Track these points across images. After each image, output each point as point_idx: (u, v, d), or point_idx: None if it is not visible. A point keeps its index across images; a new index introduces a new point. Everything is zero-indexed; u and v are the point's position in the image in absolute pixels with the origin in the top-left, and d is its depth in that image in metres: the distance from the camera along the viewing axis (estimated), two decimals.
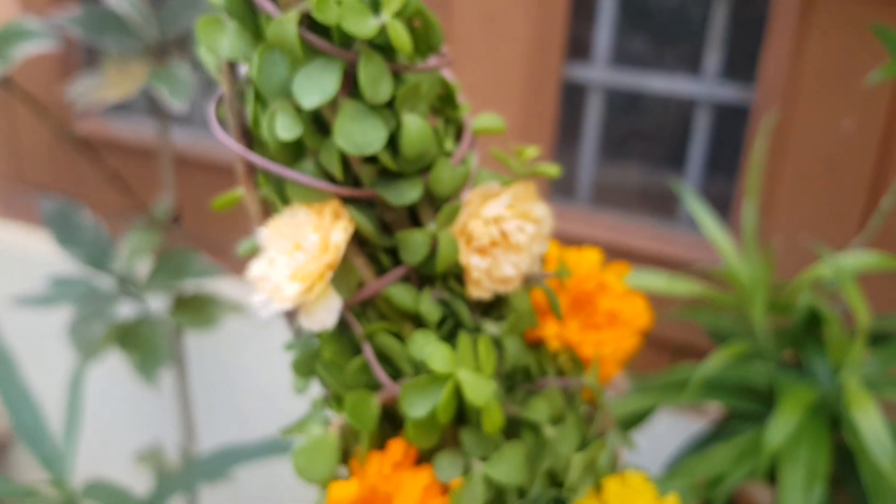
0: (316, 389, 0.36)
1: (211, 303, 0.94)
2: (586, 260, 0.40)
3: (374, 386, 0.31)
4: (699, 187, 0.95)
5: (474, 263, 0.29)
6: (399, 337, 0.30)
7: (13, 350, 0.72)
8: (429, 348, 0.28)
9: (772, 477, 0.54)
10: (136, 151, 1.14)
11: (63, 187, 1.21)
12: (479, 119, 0.31)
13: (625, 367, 0.79)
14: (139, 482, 0.84)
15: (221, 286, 1.04)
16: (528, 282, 0.33)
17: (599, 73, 0.93)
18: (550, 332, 0.37)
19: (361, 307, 0.31)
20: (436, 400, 0.28)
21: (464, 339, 0.29)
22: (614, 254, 0.95)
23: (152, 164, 1.12)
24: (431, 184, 0.28)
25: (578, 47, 0.94)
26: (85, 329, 0.82)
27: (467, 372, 0.28)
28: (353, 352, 0.32)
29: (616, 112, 0.96)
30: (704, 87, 0.90)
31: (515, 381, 0.35)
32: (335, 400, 0.33)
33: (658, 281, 0.61)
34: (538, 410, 0.33)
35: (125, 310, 0.95)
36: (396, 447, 0.31)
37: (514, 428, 0.34)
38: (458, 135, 0.30)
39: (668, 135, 0.95)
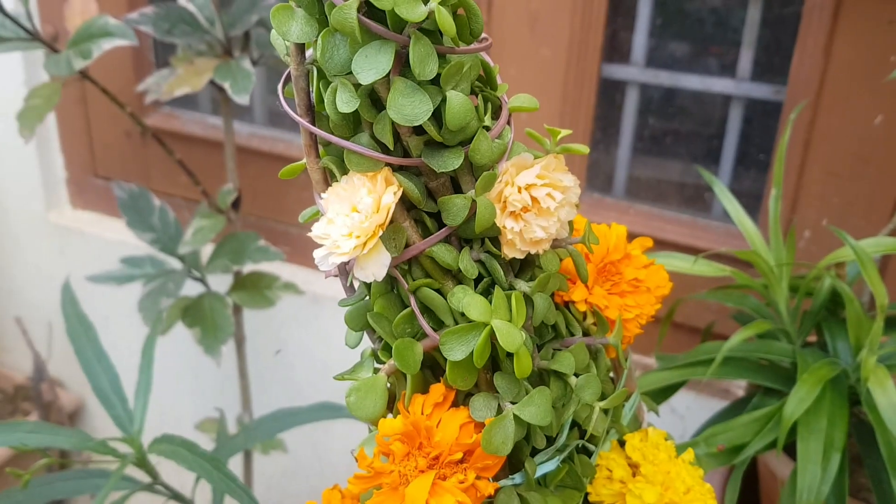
0: (364, 346, 0.41)
1: (267, 283, 1.00)
2: (614, 234, 0.44)
3: (418, 336, 0.36)
4: (732, 182, 0.97)
5: (508, 226, 0.34)
6: (441, 292, 0.35)
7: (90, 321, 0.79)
8: (467, 299, 0.33)
9: (791, 449, 0.57)
10: (200, 143, 1.21)
11: (132, 180, 1.29)
12: (515, 98, 0.35)
13: (654, 350, 0.83)
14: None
15: (277, 269, 1.10)
16: (557, 245, 0.37)
17: (637, 72, 0.97)
18: (578, 296, 0.41)
19: (408, 265, 0.35)
20: (472, 345, 0.33)
21: (498, 293, 0.33)
22: (658, 244, 0.98)
23: (215, 155, 1.19)
24: (471, 154, 0.32)
25: (617, 48, 0.98)
26: (152, 304, 0.89)
27: (501, 321, 0.33)
28: (400, 306, 0.36)
29: (652, 109, 0.99)
30: (738, 85, 0.92)
31: (545, 339, 0.39)
32: (383, 350, 0.37)
33: (685, 263, 0.64)
34: (565, 363, 0.37)
35: (189, 289, 1.02)
36: (437, 390, 0.36)
37: (542, 381, 0.38)
38: (497, 113, 0.34)
39: (702, 131, 0.98)
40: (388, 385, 0.37)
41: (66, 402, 1.48)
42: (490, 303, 0.33)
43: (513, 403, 0.35)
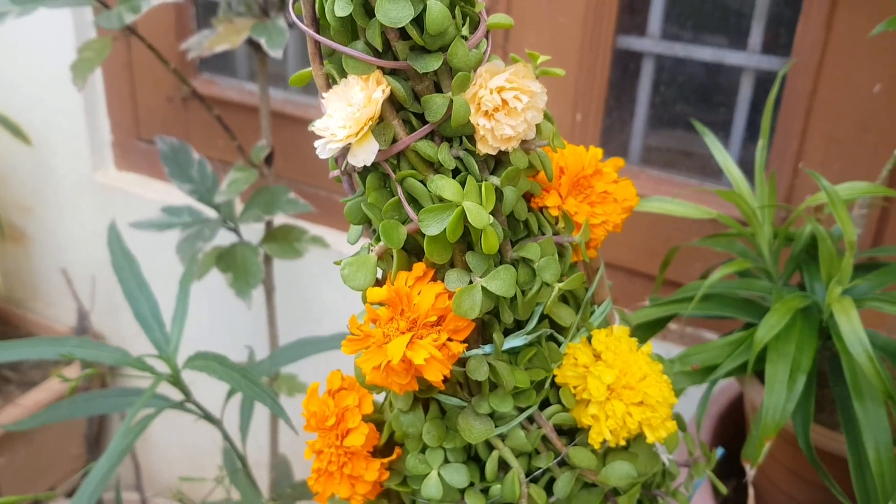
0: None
1: (296, 236, 1.07)
2: (590, 154, 0.49)
3: (405, 222, 0.42)
4: (741, 151, 1.01)
5: (481, 123, 0.39)
6: (423, 183, 0.41)
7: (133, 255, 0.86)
8: (442, 182, 0.39)
9: (762, 375, 0.61)
10: (237, 108, 1.28)
11: None
12: (493, 17, 0.41)
13: (648, 295, 0.88)
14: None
15: (306, 228, 1.17)
16: (527, 147, 0.42)
17: (652, 44, 1.01)
18: (552, 202, 0.46)
19: (396, 160, 0.41)
20: (446, 222, 0.38)
21: (471, 181, 0.39)
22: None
23: (251, 119, 1.26)
24: (449, 58, 0.38)
25: (632, 20, 1.02)
26: (189, 247, 0.96)
27: (471, 202, 0.38)
28: (389, 198, 0.42)
29: (666, 79, 1.04)
30: (749, 57, 0.96)
31: (519, 236, 0.45)
32: (376, 240, 0.43)
33: (675, 206, 0.69)
34: (531, 251, 0.42)
35: (224, 240, 1.09)
36: (419, 267, 0.41)
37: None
38: (475, 27, 0.40)
39: (714, 102, 1.02)
40: (379, 269, 0.43)
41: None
42: (463, 189, 0.39)
43: (482, 277, 0.41)
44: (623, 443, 0.47)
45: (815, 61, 0.89)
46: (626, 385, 0.46)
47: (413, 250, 0.43)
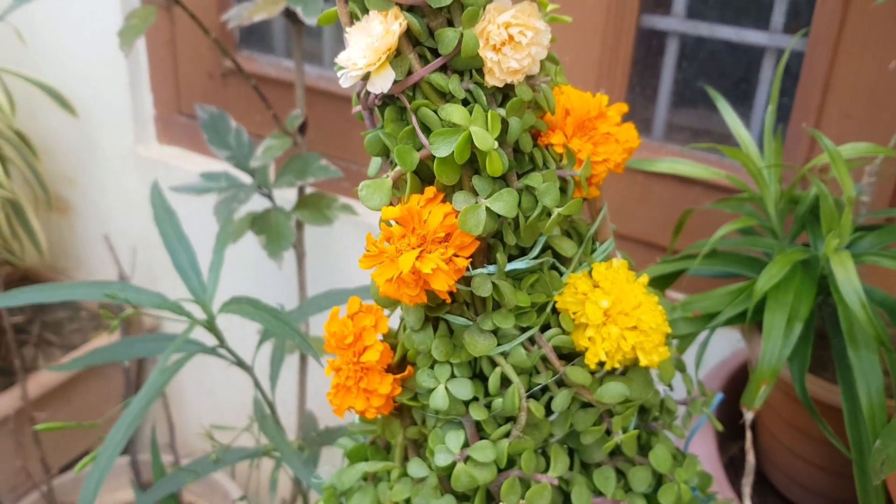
0: None
1: (327, 203, 1.11)
2: (596, 99, 0.52)
3: (419, 149, 0.45)
4: (762, 129, 1.04)
5: (489, 57, 0.43)
6: (436, 112, 0.45)
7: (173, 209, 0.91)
8: (451, 108, 0.42)
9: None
10: (274, 83, 1.33)
11: None
12: None
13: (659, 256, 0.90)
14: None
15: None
16: (532, 83, 0.46)
17: (677, 23, 1.04)
18: (556, 139, 0.50)
19: (412, 91, 0.45)
20: (454, 144, 0.42)
21: (478, 108, 0.43)
22: (685, 183, 1.05)
23: (287, 94, 1.31)
24: None
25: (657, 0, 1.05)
26: (225, 209, 1.01)
27: (478, 127, 0.42)
28: (405, 126, 0.46)
29: (690, 58, 1.06)
30: (770, 37, 0.99)
31: (524, 169, 0.48)
32: (392, 164, 0.47)
33: (686, 167, 0.72)
34: (535, 179, 0.46)
35: (259, 206, 1.14)
36: (430, 190, 0.45)
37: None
38: None
39: (736, 79, 1.05)
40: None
41: (146, 321, 1.63)
42: (471, 116, 0.43)
43: (486, 199, 0.44)
44: (618, 365, 0.50)
45: (833, 38, 0.91)
46: (621, 311, 0.49)
47: (426, 178, 0.47)
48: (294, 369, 1.30)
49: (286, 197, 1.21)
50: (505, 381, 0.50)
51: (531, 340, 0.50)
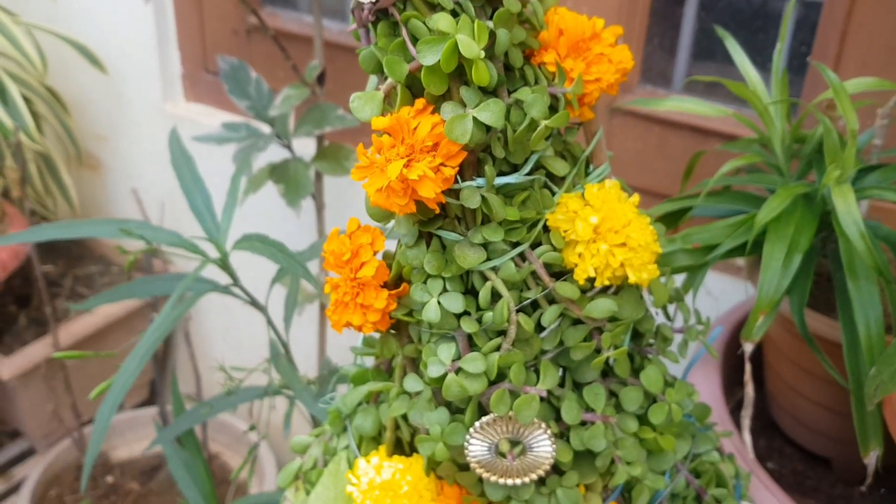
0: None
1: (345, 154, 1.13)
2: (591, 21, 0.53)
3: (409, 61, 0.46)
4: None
5: None
6: (425, 24, 0.45)
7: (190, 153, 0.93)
8: (439, 16, 0.43)
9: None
10: (296, 39, 1.35)
11: None
12: None
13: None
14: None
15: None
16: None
17: None
18: (549, 58, 0.51)
19: (402, 3, 0.46)
20: (441, 51, 0.43)
21: (464, 17, 0.44)
22: (701, 134, 1.05)
23: (308, 50, 1.32)
24: None
25: None
26: (245, 156, 1.03)
27: (464, 35, 0.43)
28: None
29: (709, 7, 1.06)
30: None
31: (515, 86, 0.49)
32: (383, 77, 0.48)
33: (694, 105, 0.72)
34: (524, 93, 0.47)
35: (278, 156, 1.16)
36: (419, 102, 0.47)
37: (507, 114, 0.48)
38: None
39: (755, 29, 1.04)
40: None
41: (170, 271, 1.67)
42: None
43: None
44: (608, 282, 0.51)
45: None
46: (610, 228, 0.50)
47: (417, 92, 0.48)
48: (314, 322, 1.33)
49: (306, 151, 1.23)
50: (496, 296, 0.51)
51: (522, 257, 0.51)
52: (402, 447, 0.62)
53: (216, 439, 1.64)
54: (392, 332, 0.57)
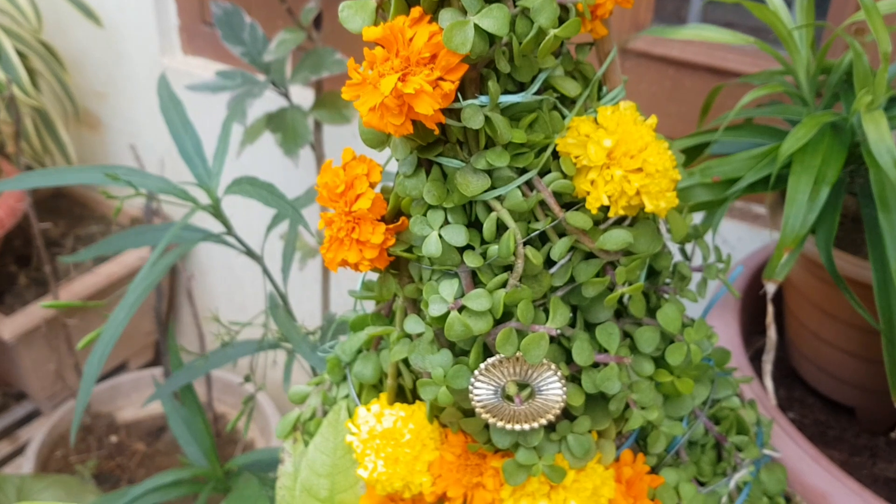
0: None
1: (344, 102, 1.08)
2: None
3: None
4: None
5: None
6: None
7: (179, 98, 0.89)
8: None
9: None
10: None
11: None
12: None
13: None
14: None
15: None
16: None
17: None
18: None
19: None
20: None
21: None
22: (720, 74, 1.00)
23: None
24: None
25: None
26: (238, 103, 0.99)
27: None
28: None
29: None
30: None
31: None
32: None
33: (713, 33, 0.68)
34: (531, 1, 0.43)
35: (275, 105, 1.12)
36: (415, 11, 0.42)
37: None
38: None
39: None
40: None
41: None
42: None
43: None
44: (622, 211, 0.47)
45: None
46: (625, 152, 0.46)
47: (412, 0, 0.44)
48: (318, 280, 1.30)
49: (305, 102, 1.18)
50: (501, 228, 0.47)
51: (529, 185, 0.47)
52: (405, 395, 0.58)
53: (222, 400, 1.62)
54: (392, 272, 0.54)
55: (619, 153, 0.46)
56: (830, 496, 0.61)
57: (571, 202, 0.48)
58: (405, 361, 0.57)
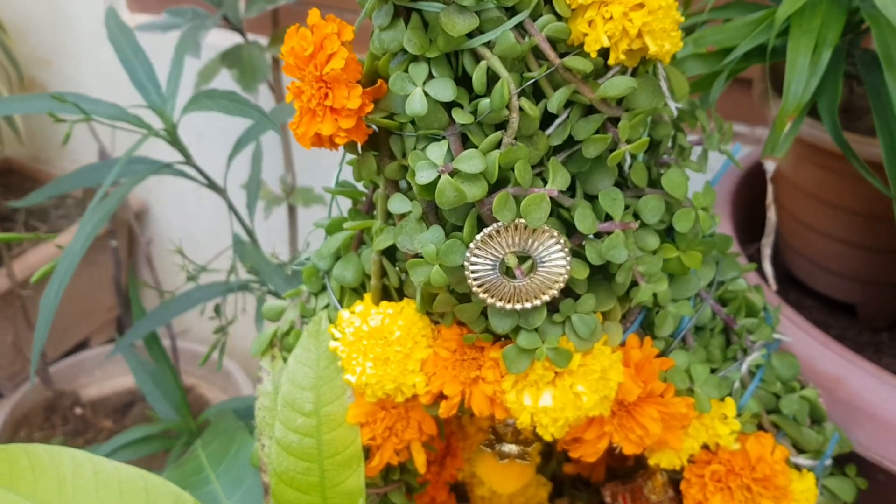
0: None
1: None
2: None
3: None
4: None
5: None
6: None
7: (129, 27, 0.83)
8: None
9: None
10: None
11: None
12: None
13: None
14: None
15: None
16: None
17: None
18: None
19: None
20: None
21: None
22: None
23: None
24: None
25: None
26: (191, 36, 0.93)
27: None
28: None
29: None
30: None
31: None
32: None
33: None
34: None
35: (230, 40, 1.06)
36: None
37: None
38: None
39: None
40: None
41: (132, 202, 1.57)
42: None
43: None
44: (623, 57, 0.43)
45: None
46: None
47: None
48: (284, 229, 1.24)
49: (261, 41, 1.13)
50: (492, 80, 0.43)
51: (521, 31, 0.43)
52: (390, 295, 0.54)
53: (190, 372, 1.55)
54: (371, 151, 0.49)
55: None
56: (845, 379, 0.58)
57: (567, 51, 0.44)
58: (390, 258, 0.53)
